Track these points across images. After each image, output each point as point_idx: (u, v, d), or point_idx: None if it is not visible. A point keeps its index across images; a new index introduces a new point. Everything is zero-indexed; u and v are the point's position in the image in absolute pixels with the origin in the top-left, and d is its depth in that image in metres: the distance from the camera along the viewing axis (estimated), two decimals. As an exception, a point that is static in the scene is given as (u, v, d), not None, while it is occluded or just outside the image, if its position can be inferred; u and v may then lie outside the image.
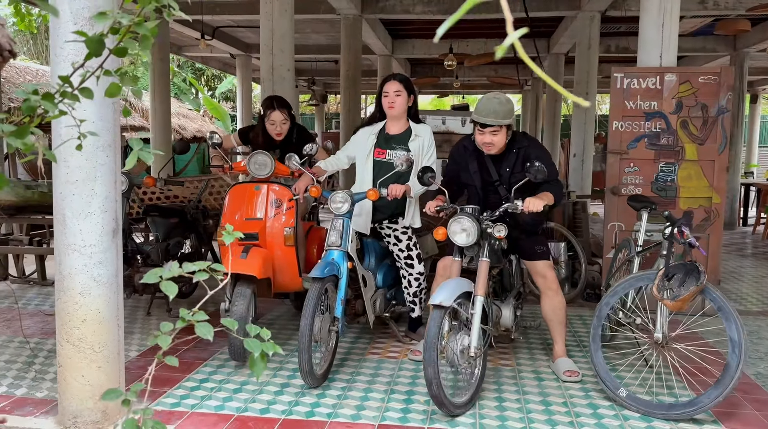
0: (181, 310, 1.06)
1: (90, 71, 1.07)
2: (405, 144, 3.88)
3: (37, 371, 3.54)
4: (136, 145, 1.17)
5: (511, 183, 3.51)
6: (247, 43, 12.73)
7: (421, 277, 4.02)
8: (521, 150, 3.52)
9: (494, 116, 3.33)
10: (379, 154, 3.93)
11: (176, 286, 1.05)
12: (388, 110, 3.85)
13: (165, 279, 1.04)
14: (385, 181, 3.71)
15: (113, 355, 2.84)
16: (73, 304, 2.74)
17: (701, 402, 2.98)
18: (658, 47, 4.89)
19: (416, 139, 3.88)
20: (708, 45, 11.14)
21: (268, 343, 1.15)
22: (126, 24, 1.00)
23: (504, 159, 3.54)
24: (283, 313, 4.91)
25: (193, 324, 1.17)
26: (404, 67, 14.27)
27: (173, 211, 4.96)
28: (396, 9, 8.55)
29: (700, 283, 2.99)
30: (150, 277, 1.05)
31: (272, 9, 5.37)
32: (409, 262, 4.00)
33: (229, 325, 1.14)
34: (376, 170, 3.91)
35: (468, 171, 3.62)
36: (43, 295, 5.34)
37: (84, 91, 1.05)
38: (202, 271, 1.12)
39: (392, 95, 3.82)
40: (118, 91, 1.11)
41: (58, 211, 2.74)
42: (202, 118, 16.42)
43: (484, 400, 3.23)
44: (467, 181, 3.66)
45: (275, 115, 4.38)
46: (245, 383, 3.41)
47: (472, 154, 3.62)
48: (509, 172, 3.52)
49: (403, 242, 3.98)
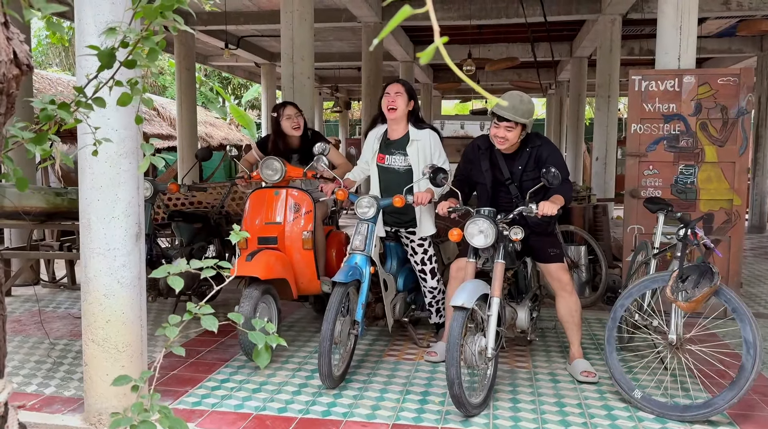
0: (188, 304, 1.13)
1: (102, 82, 1.15)
2: (403, 149, 3.91)
3: (65, 371, 3.67)
4: (148, 151, 1.25)
5: (522, 181, 3.55)
6: (271, 52, 12.93)
7: (435, 291, 4.07)
8: (534, 149, 3.54)
9: (512, 112, 3.37)
10: (381, 159, 4.00)
11: (182, 281, 1.13)
12: (388, 112, 3.88)
13: (172, 274, 1.11)
14: (411, 188, 3.74)
15: (136, 355, 2.94)
16: (98, 305, 2.85)
17: (716, 403, 2.97)
18: (676, 49, 4.87)
19: (413, 144, 3.88)
20: (734, 46, 11.00)
21: (271, 335, 1.22)
22: (135, 39, 1.08)
23: (517, 157, 3.57)
24: (304, 316, 5.00)
25: (220, 326, 1.24)
26: (426, 72, 14.35)
27: (197, 216, 5.09)
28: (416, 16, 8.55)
29: (714, 284, 2.99)
30: (159, 272, 1.13)
31: (292, 18, 5.49)
32: (422, 276, 4.05)
33: (234, 318, 1.21)
34: (380, 175, 4.00)
35: (480, 169, 3.65)
36: (72, 299, 5.51)
37: (97, 101, 1.14)
38: (208, 268, 1.19)
39: (393, 95, 3.86)
40: (129, 100, 1.19)
41: (83, 215, 2.86)
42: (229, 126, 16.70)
43: (499, 401, 3.26)
44: (477, 179, 3.69)
45: (289, 109, 4.45)
46: (264, 383, 3.49)
47: (484, 152, 3.65)
48: (521, 170, 3.55)
49: (418, 255, 4.03)
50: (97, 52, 1.09)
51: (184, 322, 1.14)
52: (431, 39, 5.74)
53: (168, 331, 1.08)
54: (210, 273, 1.22)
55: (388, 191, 3.95)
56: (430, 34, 11.20)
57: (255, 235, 4.01)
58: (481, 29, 9.84)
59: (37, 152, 1.09)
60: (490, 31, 10.46)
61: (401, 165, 3.94)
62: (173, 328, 1.09)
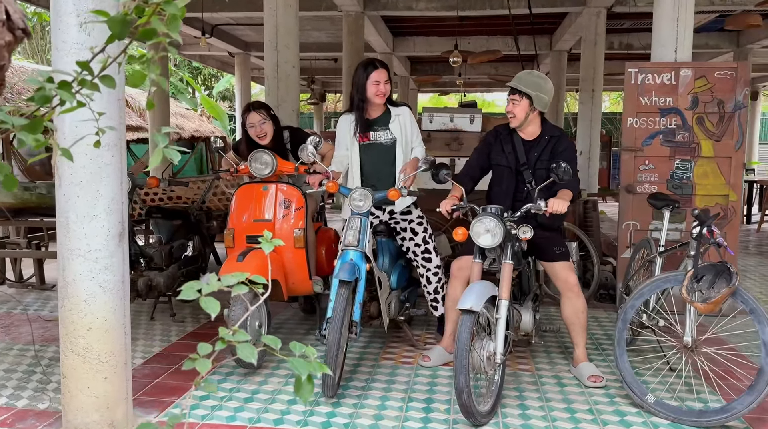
0: (221, 330, 0.93)
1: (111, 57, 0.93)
2: (386, 125, 3.86)
3: (38, 381, 3.40)
4: (162, 142, 1.03)
5: (535, 169, 3.51)
6: (246, 41, 12.58)
7: (440, 271, 3.92)
8: (552, 139, 3.54)
9: (517, 81, 3.43)
10: (364, 138, 3.87)
11: (218, 304, 0.92)
12: (375, 98, 3.76)
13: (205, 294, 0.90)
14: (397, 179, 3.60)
15: (120, 365, 2.70)
16: (77, 312, 2.60)
17: (734, 408, 2.86)
18: (672, 42, 4.77)
19: (396, 119, 3.86)
20: (711, 41, 11.05)
21: (314, 362, 1.02)
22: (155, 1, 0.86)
23: (535, 144, 3.55)
24: (291, 317, 4.78)
25: (203, 328, 1.04)
26: (404, 64, 14.14)
27: (177, 212, 4.82)
28: (398, 5, 8.42)
29: (733, 284, 2.87)
30: (188, 292, 0.92)
31: (277, 4, 5.23)
32: (427, 255, 3.90)
33: (271, 343, 1.01)
34: (362, 155, 3.86)
35: (501, 150, 3.61)
36: (42, 300, 5.19)
37: (105, 80, 0.92)
38: (240, 284, 0.98)
39: (383, 84, 3.76)
40: (143, 79, 0.97)
41: (61, 214, 2.60)
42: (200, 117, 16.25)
43: (507, 407, 3.10)
44: (499, 162, 3.62)
45: (251, 116, 4.05)
46: (256, 392, 3.27)
47: (505, 137, 3.63)
48: (536, 157, 3.52)
49: (419, 235, 3.89)
50: (106, 19, 0.87)
51: (216, 352, 0.93)
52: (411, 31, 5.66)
53: (199, 364, 0.87)
54: (242, 289, 1.01)
55: (372, 170, 3.84)
56: (410, 25, 11.01)
57: (243, 233, 3.78)
58: (462, 21, 9.67)
59: (30, 142, 0.86)
60: (472, 23, 10.30)
61: (387, 139, 3.85)
62: (204, 360, 0.88)
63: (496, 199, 3.57)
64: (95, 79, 0.91)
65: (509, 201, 3.51)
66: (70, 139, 2.47)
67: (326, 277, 4.17)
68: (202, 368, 0.86)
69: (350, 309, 3.30)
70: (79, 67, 0.89)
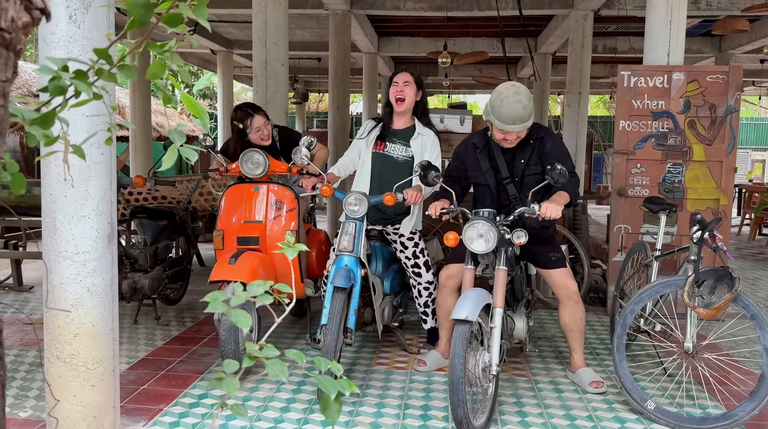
0: (247, 345, 0.84)
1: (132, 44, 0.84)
2: (407, 140, 3.69)
3: (19, 387, 3.26)
4: (178, 140, 0.94)
5: (524, 176, 3.31)
6: (228, 38, 12.39)
7: (431, 287, 3.79)
8: (537, 141, 3.30)
9: (521, 122, 3.11)
10: (379, 146, 3.74)
11: (249, 317, 0.83)
12: (396, 103, 3.64)
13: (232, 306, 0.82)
14: (402, 185, 3.47)
15: (108, 372, 2.58)
16: (64, 316, 2.48)
17: (736, 415, 2.83)
18: (665, 45, 4.75)
19: (419, 138, 3.68)
20: (693, 46, 11.14)
21: (342, 380, 0.94)
22: (182, -17, 0.78)
23: (518, 151, 3.31)
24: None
25: (188, 332, 0.95)
26: (389, 65, 14.08)
27: (162, 212, 4.69)
28: (386, 4, 8.33)
29: (735, 290, 2.84)
30: (216, 306, 0.83)
31: (266, 2, 5.12)
32: (416, 270, 3.78)
33: (296, 358, 0.92)
34: (374, 162, 3.73)
35: (480, 170, 3.38)
36: (20, 302, 5.02)
37: (124, 69, 0.83)
38: (266, 293, 0.90)
39: (401, 85, 3.63)
40: (163, 70, 0.89)
41: (47, 214, 2.48)
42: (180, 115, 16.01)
43: (505, 414, 3.04)
44: (478, 181, 3.42)
45: (257, 120, 3.92)
46: (247, 399, 3.17)
47: (482, 151, 3.38)
48: (524, 164, 3.30)
49: (409, 249, 3.76)
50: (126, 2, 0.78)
51: (242, 369, 0.85)
52: (396, 31, 5.55)
53: (226, 384, 0.79)
54: (267, 299, 0.93)
55: (379, 180, 3.68)
56: (396, 25, 10.94)
57: (233, 235, 3.67)
58: (449, 22, 9.63)
59: (41, 139, 0.77)
60: (458, 24, 10.26)
61: (401, 154, 3.70)
62: (233, 380, 0.79)
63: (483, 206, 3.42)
64: (113, 69, 0.81)
65: (495, 206, 3.37)
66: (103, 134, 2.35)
67: (317, 280, 4.08)
68: (230, 389, 0.78)
69: (345, 315, 3.21)
70: (97, 55, 0.79)
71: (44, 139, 0.79)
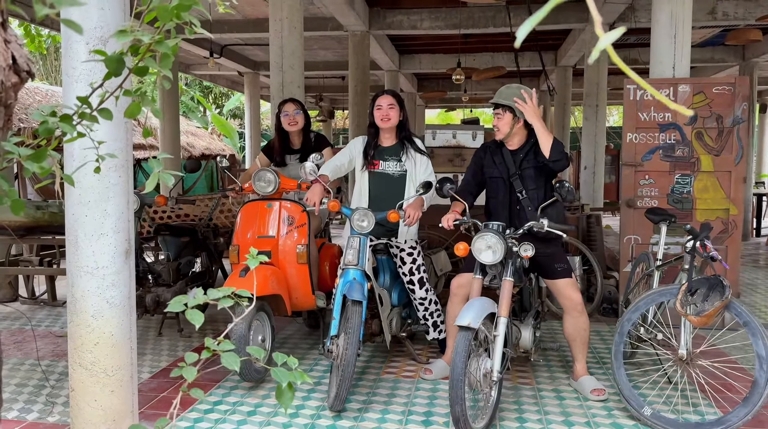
0: (207, 340, 1.00)
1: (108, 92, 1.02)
2: (397, 155, 3.90)
3: (48, 395, 3.49)
4: (156, 167, 1.12)
5: (522, 169, 3.53)
6: (255, 60, 12.78)
7: (426, 302, 3.94)
8: (532, 140, 3.54)
9: (497, 96, 3.48)
10: (374, 165, 3.93)
11: (202, 315, 1.00)
12: (381, 123, 3.84)
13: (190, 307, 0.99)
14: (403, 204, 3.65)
15: (126, 379, 2.78)
16: (85, 327, 2.69)
17: (729, 420, 2.89)
18: (670, 58, 4.84)
19: (408, 151, 3.90)
20: (717, 55, 11.09)
21: (295, 371, 1.10)
22: (147, 42, 0.96)
23: (521, 150, 3.58)
24: (295, 332, 4.85)
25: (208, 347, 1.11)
26: (411, 82, 14.30)
27: (184, 229, 4.93)
28: (403, 25, 8.55)
29: (725, 297, 2.91)
30: (175, 305, 1.00)
31: (282, 27, 5.37)
32: (410, 286, 3.93)
33: (254, 353, 1.09)
34: (371, 183, 3.92)
35: (492, 162, 3.65)
36: (53, 316, 5.30)
37: (103, 112, 1.01)
38: (226, 297, 1.06)
39: (386, 108, 3.83)
40: (138, 110, 1.07)
41: (70, 232, 2.70)
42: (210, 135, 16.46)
43: (505, 420, 3.15)
44: (492, 173, 3.64)
45: (287, 106, 4.47)
46: (259, 405, 3.34)
47: (495, 150, 3.66)
48: (521, 158, 3.55)
49: (406, 265, 3.92)
50: (104, 58, 0.97)
51: (202, 361, 1.01)
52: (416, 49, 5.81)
53: (185, 372, 0.95)
54: (228, 302, 1.09)
55: (378, 198, 3.87)
56: (415, 43, 11.16)
57: (247, 250, 3.86)
58: (467, 38, 9.80)
59: (35, 170, 0.96)
60: (476, 40, 10.43)
61: (396, 170, 3.90)
62: (191, 368, 0.96)
63: (494, 210, 3.62)
64: (93, 112, 1.00)
65: (506, 211, 3.55)
66: (78, 162, 2.58)
67: (330, 293, 4.25)
68: (189, 375, 0.94)
69: None
70: (80, 102, 0.98)
71: (39, 169, 0.97)
